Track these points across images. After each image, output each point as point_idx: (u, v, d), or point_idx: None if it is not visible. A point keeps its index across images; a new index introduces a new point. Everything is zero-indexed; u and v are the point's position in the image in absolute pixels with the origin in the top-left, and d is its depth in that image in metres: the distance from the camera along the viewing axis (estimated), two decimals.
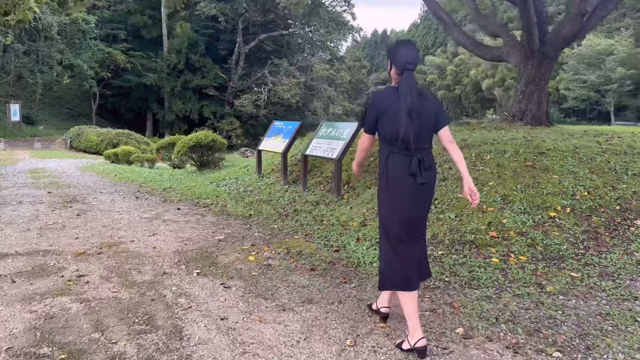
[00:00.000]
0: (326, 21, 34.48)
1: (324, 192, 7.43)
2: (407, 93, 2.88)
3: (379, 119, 2.99)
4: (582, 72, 47.29)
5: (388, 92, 3.01)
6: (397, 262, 2.99)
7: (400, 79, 2.95)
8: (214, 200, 7.85)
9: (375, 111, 2.98)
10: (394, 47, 3.06)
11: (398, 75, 2.99)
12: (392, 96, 2.95)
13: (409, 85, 2.90)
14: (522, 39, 8.28)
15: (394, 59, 3.00)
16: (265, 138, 9.23)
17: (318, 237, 5.57)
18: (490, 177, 5.84)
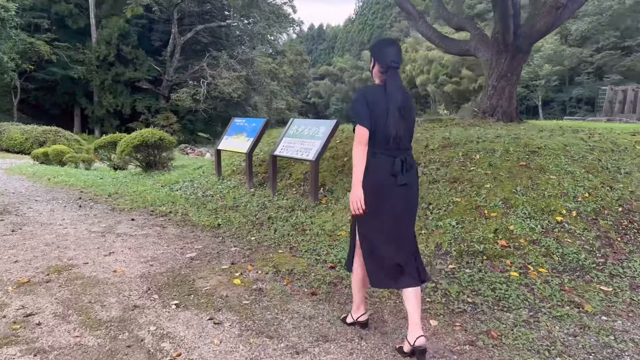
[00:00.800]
0: (267, 13, 33.54)
1: (297, 196, 6.77)
2: (397, 91, 2.87)
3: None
4: None
5: (375, 90, 2.93)
6: (382, 264, 2.94)
7: (386, 77, 2.92)
8: (171, 208, 6.99)
9: (367, 105, 2.86)
10: (378, 45, 3.04)
11: (382, 73, 2.95)
12: (379, 94, 2.89)
13: (396, 83, 2.89)
14: (494, 32, 7.99)
15: (378, 57, 2.97)
16: (224, 136, 8.43)
17: (305, 250, 4.93)
18: (485, 178, 5.43)
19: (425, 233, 4.84)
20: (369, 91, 2.94)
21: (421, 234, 4.85)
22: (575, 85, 46.48)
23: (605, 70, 44.05)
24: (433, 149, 6.50)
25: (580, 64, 45.77)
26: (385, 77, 2.93)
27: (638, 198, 5.19)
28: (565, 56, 46.25)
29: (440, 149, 6.46)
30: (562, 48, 46.85)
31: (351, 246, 3.22)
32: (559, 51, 46.55)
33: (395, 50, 2.96)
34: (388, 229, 2.91)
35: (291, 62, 39.14)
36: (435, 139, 6.82)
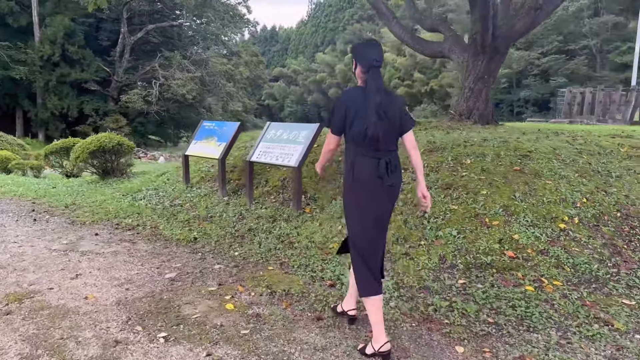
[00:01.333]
0: (221, 13, 32.72)
1: (276, 204, 6.35)
2: (376, 91, 2.84)
3: (347, 118, 2.90)
4: None
5: (356, 91, 2.92)
6: (369, 267, 2.96)
7: (367, 77, 2.90)
8: (138, 220, 6.41)
9: (344, 110, 2.88)
10: (360, 46, 3.03)
11: (364, 73, 2.93)
12: (360, 95, 2.88)
13: (376, 83, 2.87)
14: (471, 33, 7.84)
15: (360, 58, 2.96)
16: (193, 141, 7.89)
17: (297, 266, 4.52)
18: (480, 184, 5.19)
19: (425, 244, 4.54)
20: (350, 94, 2.93)
21: (420, 244, 4.54)
22: (523, 87, 47.98)
23: (551, 72, 45.68)
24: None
25: (527, 67, 47.28)
26: (367, 77, 2.91)
27: (634, 202, 5.08)
28: (513, 59, 47.62)
29: (427, 153, 6.20)
30: (510, 51, 48.25)
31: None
32: (508, 54, 47.96)
33: (377, 50, 2.95)
34: (373, 229, 2.93)
35: (247, 63, 38.38)
36: (420, 142, 6.55)
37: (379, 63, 2.91)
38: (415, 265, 4.25)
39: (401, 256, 4.43)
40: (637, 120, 13.71)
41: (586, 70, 44.85)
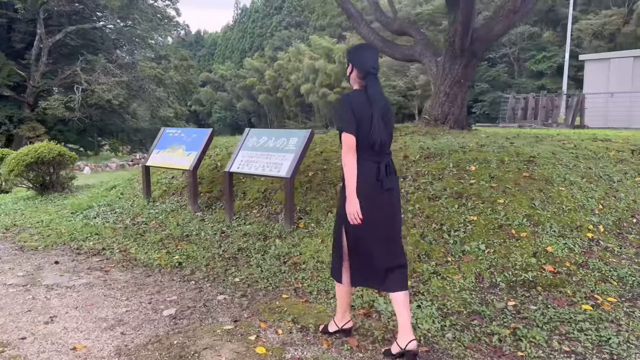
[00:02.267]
0: (149, 15, 31.10)
1: (261, 219, 5.72)
2: (379, 97, 2.87)
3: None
4: (392, 78, 51.26)
5: (359, 95, 2.89)
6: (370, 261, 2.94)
7: (366, 83, 2.89)
8: (101, 243, 5.55)
9: (352, 112, 2.81)
10: (356, 51, 3.03)
11: (361, 79, 2.92)
12: (363, 99, 2.85)
13: (378, 88, 2.90)
14: (448, 36, 7.61)
15: (357, 62, 2.95)
16: (154, 150, 7.04)
17: (316, 292, 3.95)
18: (493, 192, 4.87)
19: (453, 260, 4.13)
20: (354, 97, 2.87)
21: (448, 261, 4.13)
22: None
23: (475, 79, 47.72)
24: (415, 160, 5.85)
25: None
26: (365, 82, 2.90)
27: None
28: None
29: (423, 159, 5.83)
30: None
31: (338, 254, 3.07)
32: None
33: (374, 55, 2.98)
34: (379, 233, 2.90)
35: (177, 67, 36.79)
36: (411, 149, 6.19)
37: (376, 70, 2.91)
38: (451, 286, 3.82)
39: (431, 275, 3.99)
40: (578, 124, 14.30)
41: (506, 77, 47.24)
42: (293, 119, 71.32)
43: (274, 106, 72.86)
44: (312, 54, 64.60)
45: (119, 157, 33.14)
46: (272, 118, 75.73)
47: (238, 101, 75.17)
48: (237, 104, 74.81)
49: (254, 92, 73.57)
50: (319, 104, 63.61)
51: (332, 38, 67.02)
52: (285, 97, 70.57)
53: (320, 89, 60.90)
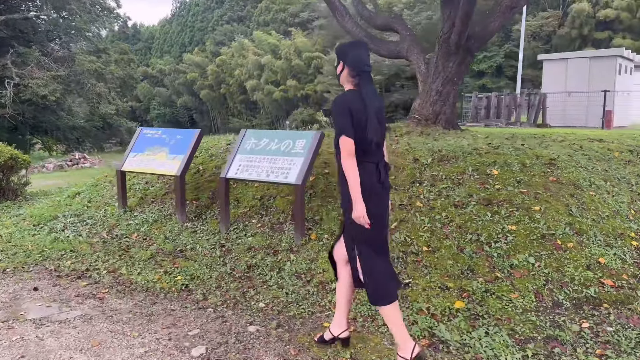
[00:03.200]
0: (87, 6, 29.19)
1: (264, 230, 5.16)
2: (373, 96, 2.79)
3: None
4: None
5: (353, 95, 2.78)
6: (387, 273, 2.83)
7: (359, 82, 2.80)
8: (82, 262, 4.81)
9: (351, 115, 2.71)
10: (347, 48, 2.90)
11: (353, 77, 2.82)
12: (357, 100, 2.76)
13: (372, 88, 2.83)
14: (442, 33, 7.31)
15: (349, 60, 2.83)
16: (130, 153, 6.28)
17: (359, 318, 3.47)
18: (525, 198, 4.57)
19: (503, 276, 3.78)
20: (350, 99, 2.76)
21: (497, 277, 3.77)
22: (394, 92, 50.25)
23: None
24: (427, 163, 5.49)
25: (397, 73, 49.62)
26: (358, 81, 2.79)
27: None
28: (384, 66, 49.71)
29: (438, 162, 5.48)
30: (381, 58, 50.25)
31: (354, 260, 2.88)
32: (379, 61, 49.85)
33: (366, 52, 2.87)
34: (383, 234, 2.86)
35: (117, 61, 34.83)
36: (419, 151, 5.83)
37: (370, 68, 2.82)
38: (512, 307, 3.46)
39: (483, 294, 3.61)
40: (540, 123, 14.55)
41: None
42: (237, 116, 69.90)
43: (217, 103, 71.17)
44: (256, 49, 63.58)
45: (56, 157, 30.99)
46: (215, 115, 73.99)
47: (178, 97, 72.95)
48: (177, 100, 72.56)
49: (195, 87, 71.54)
50: (265, 101, 62.72)
51: (278, 34, 66.34)
52: (228, 93, 69.09)
53: (266, 85, 60.05)
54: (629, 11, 41.00)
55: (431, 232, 4.43)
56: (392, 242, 4.41)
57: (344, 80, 2.89)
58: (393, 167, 5.61)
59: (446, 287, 3.74)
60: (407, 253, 4.25)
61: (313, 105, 58.19)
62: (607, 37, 41.38)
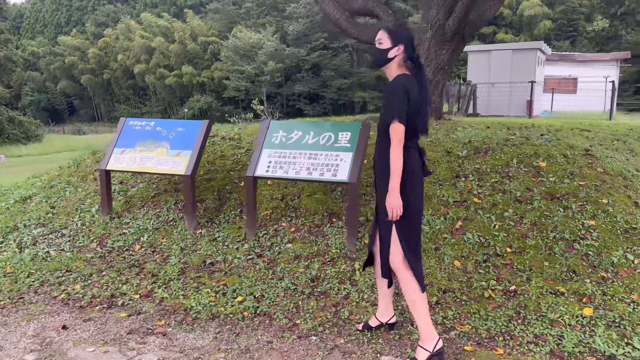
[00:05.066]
0: None
1: (305, 235, 4.55)
2: (426, 82, 2.82)
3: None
4: (239, 63, 49.78)
5: (410, 80, 2.73)
6: (419, 263, 2.83)
7: (416, 67, 2.78)
8: (98, 286, 3.88)
9: (408, 101, 2.67)
10: (405, 31, 2.85)
11: (405, 61, 2.78)
12: (415, 86, 2.72)
13: (424, 73, 2.86)
14: (434, 19, 7.05)
15: (407, 44, 2.78)
16: (115, 149, 5.24)
17: (497, 336, 3.07)
18: (588, 191, 4.43)
19: (610, 276, 3.59)
20: (410, 84, 2.70)
21: (605, 277, 3.57)
22: (296, 82, 50.04)
23: (321, 67, 48.73)
24: (463, 155, 5.21)
25: (299, 62, 49.41)
26: (414, 65, 2.78)
27: None
28: (285, 55, 49.23)
29: (472, 155, 5.22)
30: (282, 47, 49.70)
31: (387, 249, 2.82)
32: (280, 49, 49.30)
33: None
34: (421, 223, 2.89)
35: None
36: (446, 143, 5.54)
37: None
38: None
39: (602, 298, 3.39)
40: (471, 112, 15.08)
41: (349, 66, 49.19)
42: (125, 102, 65.46)
43: (101, 88, 66.10)
44: (144, 32, 59.72)
45: None
46: (98, 102, 68.66)
47: (55, 82, 66.61)
48: (54, 86, 66.20)
49: (75, 72, 65.74)
50: (157, 86, 59.32)
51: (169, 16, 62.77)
52: (113, 78, 64.49)
53: (158, 69, 56.70)
54: (510, 8, 44.43)
55: (506, 231, 4.14)
56: (466, 244, 4.07)
57: (395, 65, 2.80)
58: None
59: (558, 292, 3.47)
60: (489, 255, 3.93)
61: (210, 92, 56.12)
62: (492, 32, 44.54)
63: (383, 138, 2.79)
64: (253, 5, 57.69)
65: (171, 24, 58.96)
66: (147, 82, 58.73)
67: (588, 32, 42.97)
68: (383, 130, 2.78)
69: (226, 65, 50.69)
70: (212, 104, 54.42)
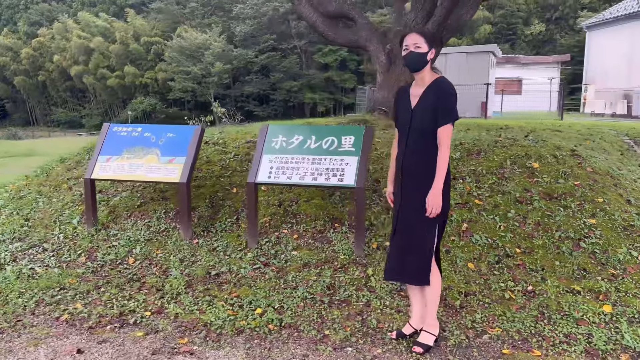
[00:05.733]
0: None
1: (307, 241, 4.45)
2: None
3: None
4: (184, 64, 48.64)
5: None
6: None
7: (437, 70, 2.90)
8: (102, 303, 3.63)
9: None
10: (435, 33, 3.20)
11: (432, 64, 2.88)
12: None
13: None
14: (415, 22, 7.10)
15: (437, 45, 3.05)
16: (100, 156, 4.92)
17: (530, 337, 3.09)
18: (583, 190, 4.58)
19: (619, 273, 3.71)
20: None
21: (614, 274, 3.70)
22: (245, 83, 49.45)
23: (270, 69, 48.38)
24: (457, 158, 5.27)
25: (247, 64, 48.84)
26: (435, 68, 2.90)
27: None
28: (233, 56, 48.56)
29: (466, 157, 5.30)
30: (229, 48, 49.00)
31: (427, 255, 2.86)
32: (228, 50, 48.58)
33: None
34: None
35: None
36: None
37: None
38: None
39: (617, 294, 3.50)
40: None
41: (298, 68, 49.09)
42: (62, 105, 62.66)
43: (36, 91, 62.95)
44: (82, 32, 57.25)
45: None
46: (33, 105, 65.20)
47: None
48: None
49: (7, 74, 62.18)
50: (97, 88, 57.07)
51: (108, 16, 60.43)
52: (49, 80, 61.45)
53: (98, 70, 54.55)
54: None
55: (511, 232, 4.22)
56: (475, 246, 4.11)
57: (428, 68, 2.86)
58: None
59: (574, 290, 3.56)
60: (501, 256, 3.98)
61: (154, 94, 54.50)
62: None
63: (420, 139, 2.81)
64: (198, 5, 56.59)
65: (111, 24, 56.85)
66: (87, 84, 56.34)
67: (526, 36, 44.96)
68: (422, 131, 2.81)
69: (171, 66, 49.41)
70: (157, 106, 52.90)
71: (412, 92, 2.91)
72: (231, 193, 5.21)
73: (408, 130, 2.87)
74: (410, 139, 2.86)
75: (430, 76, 2.85)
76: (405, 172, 2.89)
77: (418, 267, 2.86)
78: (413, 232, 2.87)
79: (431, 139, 2.78)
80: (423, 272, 2.86)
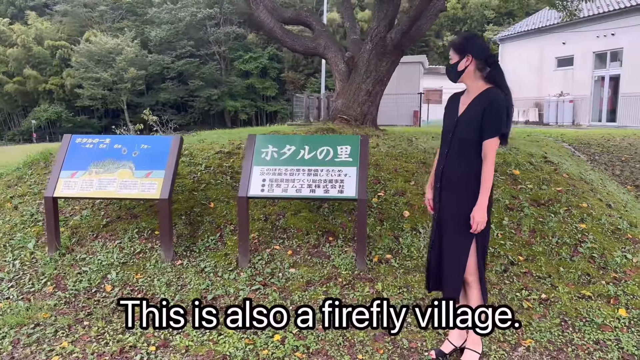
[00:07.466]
0: None
1: (303, 257, 4.20)
2: (509, 88, 2.70)
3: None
4: (94, 69, 45.97)
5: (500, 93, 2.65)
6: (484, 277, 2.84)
7: (493, 73, 2.68)
8: (94, 341, 3.16)
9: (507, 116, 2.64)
10: (471, 39, 2.73)
11: (481, 69, 2.68)
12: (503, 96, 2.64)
13: (505, 80, 2.71)
14: (376, 32, 7.04)
15: (476, 51, 2.66)
16: (62, 172, 4.33)
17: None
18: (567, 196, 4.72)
19: (620, 276, 3.82)
20: (502, 96, 2.64)
21: (616, 277, 3.81)
22: (160, 91, 47.56)
23: (187, 76, 46.87)
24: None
25: (163, 70, 47.01)
26: (491, 73, 2.68)
27: None
28: (148, 62, 46.61)
29: None
30: (143, 53, 46.98)
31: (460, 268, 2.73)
32: (142, 56, 46.56)
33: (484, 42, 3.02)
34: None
35: None
36: (417, 152, 5.56)
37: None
38: None
39: (626, 298, 3.60)
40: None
41: (218, 75, 48.01)
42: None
43: None
44: None
45: None
46: None
47: None
48: None
49: None
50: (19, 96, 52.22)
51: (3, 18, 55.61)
52: None
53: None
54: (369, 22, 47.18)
55: (510, 239, 4.24)
56: None
57: (469, 76, 2.71)
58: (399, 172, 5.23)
59: (585, 296, 3.61)
60: (507, 265, 3.98)
61: (60, 101, 50.96)
62: None
63: (464, 149, 2.70)
64: (107, 9, 53.74)
65: (8, 26, 52.36)
66: None
67: (438, 47, 47.21)
68: (465, 140, 2.69)
69: (79, 72, 46.42)
70: (63, 114, 49.49)
71: (462, 100, 2.79)
72: (209, 208, 4.83)
73: (451, 138, 2.75)
74: (452, 147, 2.74)
75: (476, 85, 2.71)
76: (445, 180, 2.77)
77: (452, 279, 2.75)
78: (450, 243, 2.75)
79: (473, 149, 2.66)
80: (456, 284, 2.75)
